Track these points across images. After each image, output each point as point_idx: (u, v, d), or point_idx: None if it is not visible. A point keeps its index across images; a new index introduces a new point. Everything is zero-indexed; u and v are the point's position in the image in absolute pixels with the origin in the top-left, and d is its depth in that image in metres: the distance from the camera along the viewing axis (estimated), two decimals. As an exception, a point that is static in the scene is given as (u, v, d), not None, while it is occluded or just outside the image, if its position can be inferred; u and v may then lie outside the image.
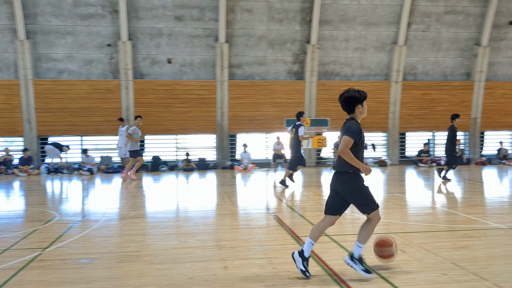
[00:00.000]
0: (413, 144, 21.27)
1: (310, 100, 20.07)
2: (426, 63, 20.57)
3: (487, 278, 5.12)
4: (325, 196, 12.20)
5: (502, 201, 11.16)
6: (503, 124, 21.11)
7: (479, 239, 6.94)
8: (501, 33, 20.44)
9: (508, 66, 21.01)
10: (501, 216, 9.09)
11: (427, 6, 19.71)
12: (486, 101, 20.71)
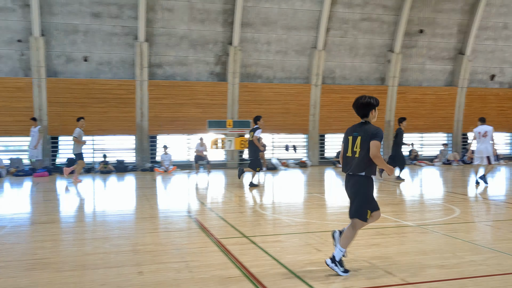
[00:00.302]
0: (332, 146, 21.96)
1: (233, 101, 20.11)
2: (344, 68, 21.33)
3: (395, 274, 5.33)
4: (247, 197, 12.31)
5: (413, 200, 11.77)
6: (415, 127, 22.34)
7: (390, 237, 7.23)
8: (412, 40, 21.64)
9: (419, 72, 22.28)
10: (411, 214, 9.58)
11: (345, 13, 20.44)
12: (398, 105, 21.82)
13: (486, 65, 23.06)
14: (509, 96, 23.45)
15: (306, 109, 20.90)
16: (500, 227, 8.00)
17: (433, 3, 21.15)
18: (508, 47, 22.98)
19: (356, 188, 5.31)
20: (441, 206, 10.48)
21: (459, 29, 21.91)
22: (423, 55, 22.06)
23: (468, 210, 9.78)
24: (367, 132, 5.15)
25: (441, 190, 13.84)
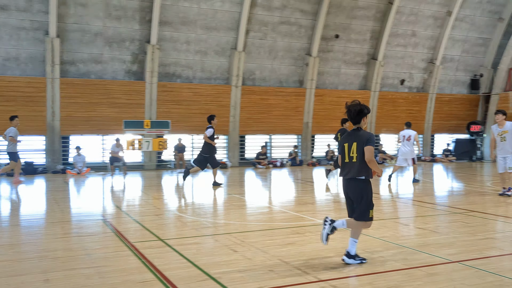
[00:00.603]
0: (252, 147, 22.13)
1: (151, 101, 19.64)
2: (264, 70, 21.58)
3: (309, 272, 5.42)
4: (166, 199, 12.07)
5: (328, 199, 12.12)
6: (331, 128, 23.00)
7: (305, 235, 7.37)
8: (329, 45, 22.36)
9: (335, 76, 23.06)
10: (325, 213, 9.83)
11: (264, 16, 20.70)
12: (316, 107, 22.44)
13: (396, 70, 24.35)
14: (417, 100, 24.92)
15: (227, 110, 20.90)
16: (408, 223, 8.42)
17: (347, 9, 21.99)
18: (417, 53, 24.42)
19: (359, 192, 5.62)
20: (354, 205, 10.85)
21: (371, 35, 22.95)
22: (338, 59, 22.86)
23: (379, 208, 10.21)
24: (361, 138, 5.56)
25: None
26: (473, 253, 6.17)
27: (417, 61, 24.64)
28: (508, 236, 7.22)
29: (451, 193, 13.28)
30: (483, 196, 12.39)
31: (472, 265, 5.65)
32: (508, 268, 5.52)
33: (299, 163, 22.01)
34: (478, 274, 5.30)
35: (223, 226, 8.38)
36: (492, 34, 25.60)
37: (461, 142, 25.77)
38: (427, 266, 5.64)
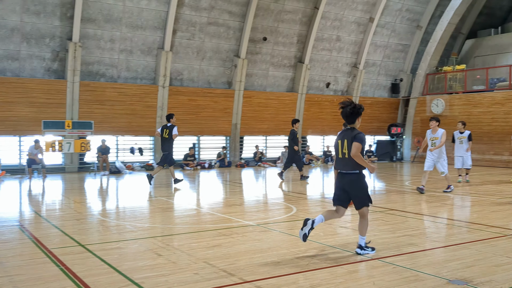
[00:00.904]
0: (180, 148, 21.78)
1: (73, 101, 18.81)
2: (192, 70, 21.36)
3: (234, 273, 5.40)
4: (88, 203, 11.59)
5: (256, 200, 12.18)
6: (259, 130, 23.32)
7: (231, 237, 7.34)
8: (257, 47, 22.53)
9: (263, 78, 23.27)
10: (253, 214, 9.88)
11: (192, 16, 20.49)
12: (244, 108, 22.53)
13: (322, 74, 25.00)
14: (341, 102, 25.72)
15: (153, 110, 20.45)
16: (331, 223, 8.62)
17: (275, 12, 22.27)
18: (341, 58, 25.21)
19: (355, 185, 6.18)
20: (280, 205, 11.01)
21: (298, 39, 23.40)
22: (267, 62, 23.10)
23: (304, 208, 10.41)
24: (349, 136, 6.13)
25: (281, 190, 14.57)
26: (391, 250, 6.42)
27: (342, 65, 25.45)
28: (423, 233, 7.59)
29: (373, 193, 13.80)
30: (402, 195, 12.99)
31: (391, 261, 5.87)
32: (422, 264, 5.79)
33: (228, 165, 22.00)
34: (395, 270, 5.52)
35: (148, 229, 8.18)
36: (411, 41, 26.98)
37: (382, 143, 26.92)
38: (349, 264, 5.79)
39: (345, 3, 23.79)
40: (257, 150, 23.08)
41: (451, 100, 24.47)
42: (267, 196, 12.91)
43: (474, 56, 26.95)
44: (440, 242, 6.99)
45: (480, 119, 22.64)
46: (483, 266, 5.64)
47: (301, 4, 22.64)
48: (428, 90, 25.97)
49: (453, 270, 5.49)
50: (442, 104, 24.58)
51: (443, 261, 5.91)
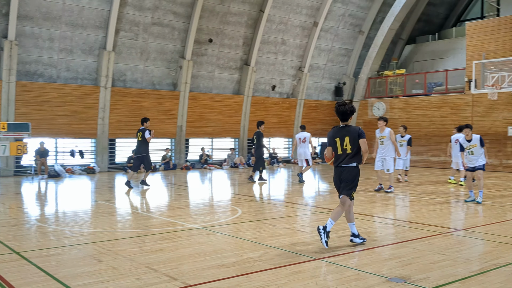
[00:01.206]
0: (123, 151, 21.29)
1: (8, 102, 17.94)
2: (135, 71, 20.92)
3: (177, 277, 5.29)
4: (25, 208, 11.06)
5: (201, 203, 12.05)
6: (205, 132, 23.14)
7: (174, 241, 7.21)
8: (203, 49, 22.37)
9: (209, 80, 23.14)
10: (197, 217, 9.77)
11: (135, 15, 20.07)
12: (190, 110, 22.30)
13: (268, 76, 25.17)
14: (287, 105, 26.00)
15: (95, 112, 19.85)
16: (276, 224, 8.66)
17: (220, 14, 22.20)
18: (286, 61, 25.50)
19: (352, 175, 6.68)
20: (226, 208, 10.95)
21: (244, 41, 23.45)
22: (212, 64, 22.98)
23: (249, 210, 10.40)
24: (353, 133, 6.63)
25: (228, 192, 14.53)
26: (334, 250, 6.51)
27: (287, 68, 25.74)
28: (365, 232, 7.75)
29: (318, 194, 14.02)
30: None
31: (334, 261, 5.96)
32: (364, 263, 5.91)
33: (173, 167, 21.70)
34: (338, 270, 5.60)
35: (89, 235, 7.90)
36: (353, 45, 27.68)
37: (326, 145, 27.42)
38: (293, 264, 5.82)
39: (290, 7, 24.09)
40: (203, 152, 22.92)
41: (391, 103, 25.30)
42: (212, 199, 12.82)
43: (413, 61, 28.03)
44: (380, 241, 7.17)
45: (419, 121, 23.54)
46: (420, 264, 5.83)
47: (246, 7, 22.71)
48: (370, 94, 26.74)
49: (392, 268, 5.64)
50: (383, 107, 25.37)
51: (383, 260, 6.06)
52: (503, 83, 18.53)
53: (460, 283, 5.09)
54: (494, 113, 21.03)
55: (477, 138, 10.84)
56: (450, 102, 22.88)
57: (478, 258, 6.15)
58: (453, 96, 22.82)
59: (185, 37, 21.52)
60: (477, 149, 10.82)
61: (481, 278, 5.27)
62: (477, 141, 10.81)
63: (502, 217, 9.45)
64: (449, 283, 5.07)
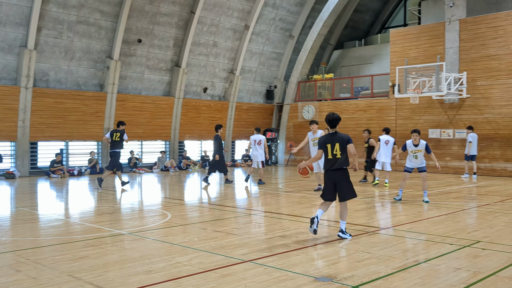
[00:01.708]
0: (45, 155, 20.26)
1: None
2: (59, 71, 20.01)
3: (102, 285, 5.08)
4: None
5: (130, 207, 11.70)
6: (134, 135, 22.44)
7: (99, 247, 6.93)
8: (131, 49, 21.80)
9: (138, 81, 22.58)
10: (125, 222, 9.47)
11: (59, 13, 19.21)
12: (118, 112, 21.63)
13: (199, 78, 24.97)
14: (219, 108, 25.92)
15: (14, 114, 18.74)
16: (206, 227, 8.57)
17: (150, 14, 21.74)
18: (218, 63, 25.42)
19: (344, 177, 7.40)
20: (155, 212, 10.71)
21: (175, 42, 23.12)
22: (142, 64, 22.45)
23: (180, 214, 10.23)
24: (343, 139, 7.35)
25: (158, 196, 14.23)
26: (263, 252, 6.53)
27: (219, 71, 25.68)
28: (294, 233, 7.86)
29: (249, 196, 14.06)
30: (276, 197, 13.40)
31: (262, 263, 5.97)
32: (292, 263, 5.96)
33: (100, 171, 20.96)
34: (266, 271, 5.61)
35: (6, 243, 7.42)
36: (284, 49, 28.12)
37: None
38: (222, 267, 5.77)
39: (221, 10, 24.06)
40: (132, 155, 22.31)
41: (320, 106, 25.94)
42: (142, 203, 12.50)
43: (341, 66, 28.92)
44: (309, 242, 7.28)
45: (346, 124, 24.27)
46: (346, 262, 5.97)
47: (177, 8, 22.42)
48: (300, 97, 27.27)
49: (319, 267, 5.74)
50: (312, 110, 25.95)
51: (311, 260, 6.15)
52: (424, 88, 19.53)
53: (383, 280, 5.26)
54: (416, 116, 22.11)
55: (424, 144, 11.40)
56: (375, 106, 23.80)
57: (400, 255, 6.39)
58: (378, 100, 23.76)
59: (112, 37, 20.88)
60: (421, 154, 11.40)
61: (403, 274, 5.48)
62: (423, 147, 11.38)
63: (422, 215, 9.92)
64: (372, 280, 5.23)
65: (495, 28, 19.98)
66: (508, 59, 19.61)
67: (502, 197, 12.71)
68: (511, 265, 5.89)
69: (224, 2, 23.95)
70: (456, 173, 20.16)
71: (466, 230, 8.16)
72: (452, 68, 20.72)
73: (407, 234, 7.88)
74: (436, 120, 21.54)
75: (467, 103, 20.71)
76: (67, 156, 20.84)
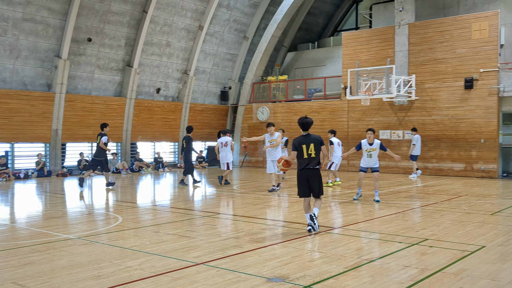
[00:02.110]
0: (-10, 157, 19.39)
1: None
2: (4, 70, 19.18)
3: (47, 293, 4.87)
4: None
5: (79, 211, 11.33)
6: (83, 136, 21.88)
7: (46, 253, 6.67)
8: (81, 48, 21.19)
9: (88, 81, 21.96)
10: (73, 226, 9.16)
11: (4, 10, 18.42)
12: (67, 113, 20.96)
13: (152, 79, 24.56)
14: (172, 108, 25.60)
15: (-44, 114, 17.86)
16: (159, 230, 8.42)
17: (100, 13, 21.18)
18: (171, 63, 25.09)
19: (318, 176, 8.05)
20: (106, 215, 10.43)
21: (126, 42, 22.63)
22: (92, 64, 21.85)
23: (131, 217, 10.01)
24: (317, 140, 8.05)
25: (109, 199, 13.87)
26: (216, 254, 6.47)
27: (172, 71, 25.36)
28: (248, 234, 7.83)
29: (204, 198, 13.93)
30: (231, 198, 13.34)
31: (215, 265, 5.90)
32: (245, 265, 5.93)
33: (48, 174, 20.24)
34: (219, 273, 5.55)
35: None
36: (238, 51, 28.10)
37: (213, 149, 27.51)
38: (174, 271, 5.66)
39: (174, 9, 23.79)
40: (81, 158, 21.68)
41: (275, 108, 26.08)
42: (92, 207, 12.14)
43: (295, 68, 29.19)
44: (261, 243, 7.27)
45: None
46: (299, 262, 5.99)
47: (128, 7, 21.98)
48: (255, 98, 27.33)
49: (272, 268, 5.73)
50: (267, 111, 26.06)
51: (264, 261, 6.13)
52: (375, 90, 19.99)
53: (334, 279, 5.31)
54: (367, 118, 22.60)
55: (378, 143, 11.64)
56: (328, 108, 24.16)
57: (352, 254, 6.48)
58: (331, 102, 24.14)
59: (61, 35, 20.22)
60: (376, 153, 11.63)
61: (354, 273, 5.55)
62: (377, 145, 11.61)
63: (374, 214, 10.12)
64: (324, 279, 5.27)
65: (442, 32, 20.71)
66: (454, 62, 20.37)
67: (449, 196, 13.16)
68: (456, 261, 6.09)
69: (178, 2, 23.69)
70: (405, 173, 20.74)
71: (415, 229, 8.38)
72: (401, 71, 21.31)
73: (359, 233, 8.01)
74: (386, 122, 22.10)
75: (416, 105, 21.36)
76: (12, 158, 20.00)
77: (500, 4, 21.38)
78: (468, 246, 6.94)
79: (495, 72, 19.35)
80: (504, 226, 8.67)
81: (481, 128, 19.54)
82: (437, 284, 5.14)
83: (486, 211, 10.39)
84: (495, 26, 19.40)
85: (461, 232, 8.03)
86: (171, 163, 25.79)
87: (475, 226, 8.55)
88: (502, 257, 6.32)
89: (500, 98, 19.50)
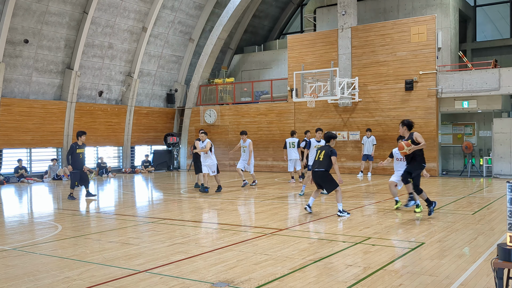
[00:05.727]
0: None
1: None
2: None
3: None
4: None
5: (16, 221, 10.78)
6: (21, 142, 20.93)
7: (-24, 266, 6.26)
8: (17, 50, 20.26)
9: (25, 84, 21.04)
10: (8, 237, 8.69)
11: None
12: (3, 118, 19.98)
13: (94, 82, 23.83)
14: (116, 112, 24.94)
15: None
16: (100, 238, 8.12)
17: (37, 13, 20.32)
18: (114, 65, 24.44)
19: (326, 177, 9.76)
20: (45, 224, 9.98)
21: (66, 43, 21.84)
22: (29, 67, 20.92)
23: (72, 226, 9.62)
24: (327, 150, 9.86)
25: (48, 207, 13.31)
26: (160, 260, 6.30)
27: (115, 74, 24.72)
28: (193, 239, 7.69)
29: (149, 203, 13.63)
30: (177, 203, 13.11)
31: (159, 272, 5.74)
32: (189, 270, 5.81)
33: (-16, 182, 19.21)
34: (162, 280, 5.40)
35: None
36: (184, 53, 27.77)
37: (159, 153, 27.05)
38: (115, 280, 5.47)
39: (117, 10, 23.20)
40: (19, 164, 20.71)
41: (222, 110, 25.98)
42: (31, 216, 11.59)
43: (242, 70, 29.21)
44: (207, 247, 7.16)
45: (248, 128, 24.53)
46: (244, 266, 5.93)
47: (68, 7, 21.23)
48: (202, 101, 27.11)
49: (217, 273, 5.63)
50: (214, 114, 25.91)
51: (209, 266, 6.03)
52: (320, 92, 20.30)
53: (279, 281, 5.28)
54: (313, 119, 22.91)
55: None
56: (275, 110, 24.32)
57: (297, 255, 6.49)
58: (277, 104, 24.30)
59: (-5, 37, 19.25)
60: None
61: (298, 274, 5.55)
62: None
63: (320, 214, 10.23)
64: (269, 282, 5.23)
65: (383, 36, 21.32)
66: (395, 65, 21.01)
67: (391, 195, 13.50)
68: (397, 258, 6.22)
69: (119, 3, 23.13)
70: (351, 173, 21.17)
71: (358, 228, 8.52)
72: (345, 73, 21.76)
73: (303, 234, 8.06)
74: (331, 123, 22.49)
75: (359, 107, 21.87)
76: None
77: (437, 9, 22.25)
78: (409, 244, 7.12)
79: (433, 74, 20.12)
80: (443, 222, 8.98)
81: (422, 128, 20.23)
82: (379, 282, 5.22)
83: (427, 209, 10.73)
84: (432, 30, 20.17)
85: (402, 230, 8.23)
86: (115, 168, 25.12)
87: (415, 224, 8.80)
88: (440, 253, 6.52)
89: (438, 99, 20.29)
